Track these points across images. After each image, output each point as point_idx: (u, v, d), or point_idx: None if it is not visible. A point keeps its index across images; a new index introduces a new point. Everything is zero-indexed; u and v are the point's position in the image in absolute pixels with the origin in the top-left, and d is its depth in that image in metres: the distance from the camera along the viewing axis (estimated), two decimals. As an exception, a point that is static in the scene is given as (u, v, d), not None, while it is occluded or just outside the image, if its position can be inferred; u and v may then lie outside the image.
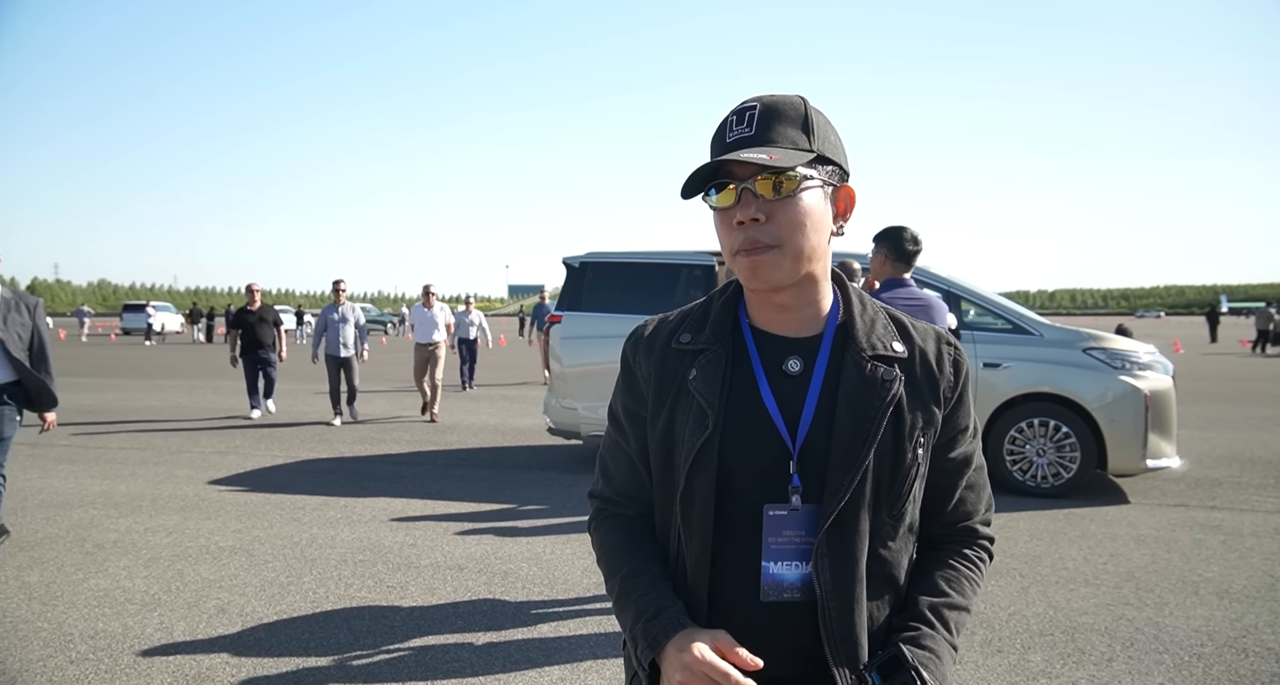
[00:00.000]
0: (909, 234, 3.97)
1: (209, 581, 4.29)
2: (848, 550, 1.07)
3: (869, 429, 1.07)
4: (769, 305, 1.14)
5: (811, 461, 1.08)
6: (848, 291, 1.18)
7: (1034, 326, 6.50)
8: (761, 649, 1.05)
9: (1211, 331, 32.53)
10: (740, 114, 1.07)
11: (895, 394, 1.09)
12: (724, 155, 1.05)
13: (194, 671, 3.23)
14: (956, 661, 1.10)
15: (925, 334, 1.17)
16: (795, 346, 1.14)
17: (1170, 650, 3.45)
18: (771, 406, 1.10)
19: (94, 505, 5.87)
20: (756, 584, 1.09)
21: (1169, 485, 6.55)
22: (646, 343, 1.20)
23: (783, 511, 1.08)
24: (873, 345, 1.12)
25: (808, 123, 1.07)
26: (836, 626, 1.06)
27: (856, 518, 1.07)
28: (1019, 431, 6.26)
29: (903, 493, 1.10)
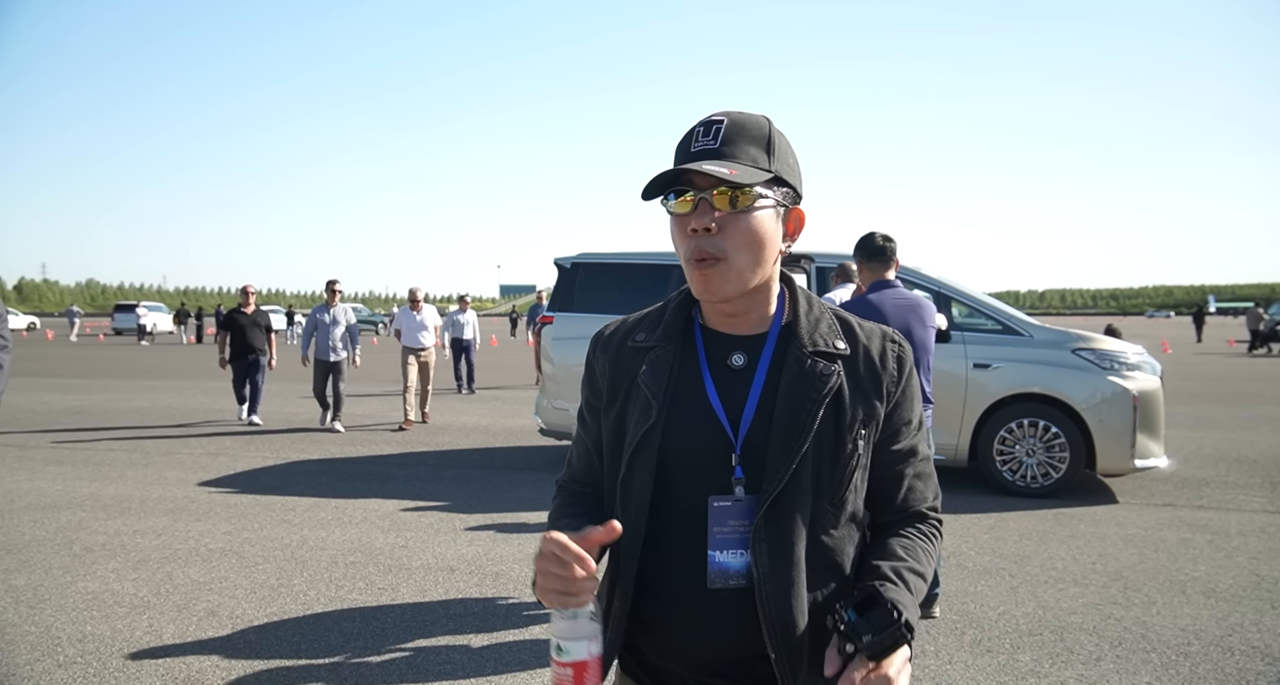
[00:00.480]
0: (877, 234, 4.02)
1: (199, 584, 4.27)
2: (785, 536, 1.11)
3: (806, 421, 1.12)
4: (719, 309, 1.19)
5: (753, 454, 1.13)
6: (795, 293, 1.23)
7: (1023, 327, 6.53)
8: (710, 633, 1.12)
9: (1197, 332, 32.77)
10: (707, 126, 1.12)
11: (832, 387, 1.14)
12: (687, 164, 1.08)
13: (184, 675, 3.22)
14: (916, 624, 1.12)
15: (871, 333, 1.22)
16: (741, 343, 1.19)
17: (1157, 649, 3.48)
18: (714, 399, 1.16)
19: (82, 507, 5.84)
20: (703, 572, 1.12)
21: (1157, 485, 6.59)
22: (605, 342, 1.27)
23: (726, 502, 1.12)
24: (814, 342, 1.17)
25: (770, 143, 1.12)
26: (774, 610, 1.09)
27: (795, 505, 1.11)
28: (1009, 432, 6.29)
29: (843, 482, 1.14)
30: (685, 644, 1.15)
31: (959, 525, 5.42)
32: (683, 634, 1.14)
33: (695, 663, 1.15)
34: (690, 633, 1.13)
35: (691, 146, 1.11)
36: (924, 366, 3.88)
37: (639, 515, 1.15)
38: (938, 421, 6.35)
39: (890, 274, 4.03)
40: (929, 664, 3.37)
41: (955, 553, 4.81)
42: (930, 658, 3.43)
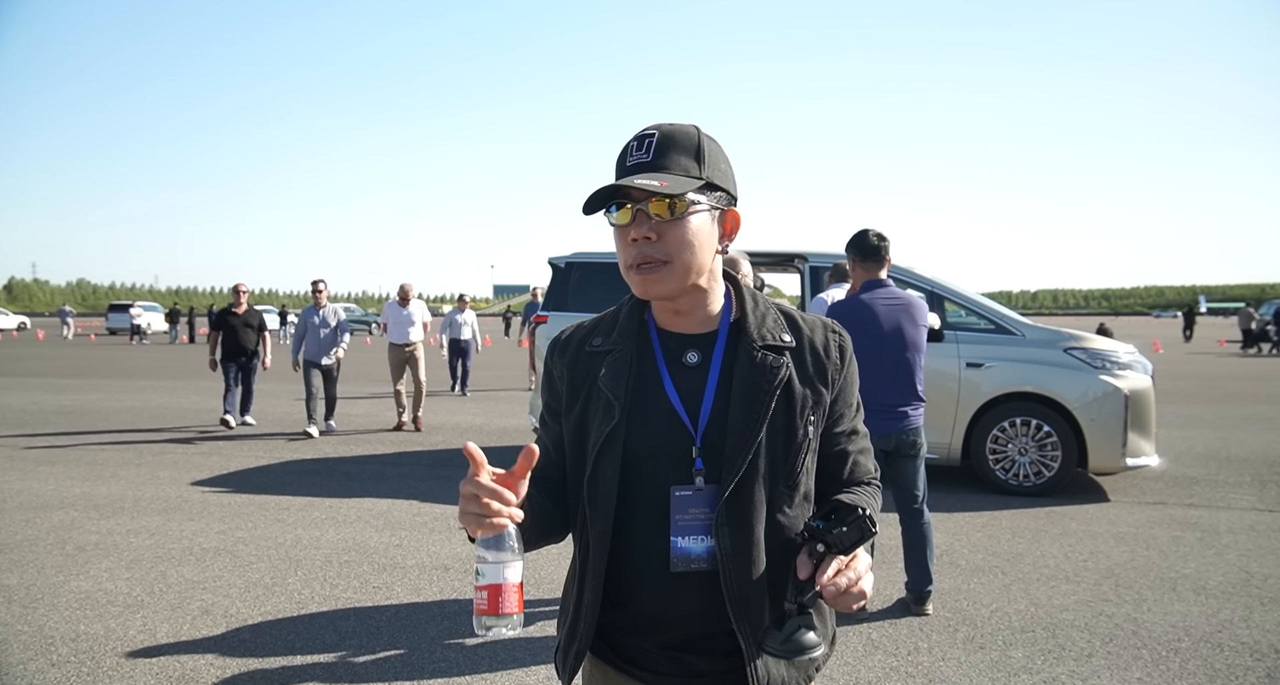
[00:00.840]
0: (871, 232, 4.03)
1: (192, 583, 4.26)
2: (745, 519, 1.18)
3: (760, 411, 1.20)
4: (667, 308, 1.26)
5: (712, 445, 1.20)
6: (741, 291, 1.30)
7: (1016, 326, 6.56)
8: (674, 615, 1.20)
9: (1186, 331, 32.93)
10: (640, 140, 1.19)
11: (783, 378, 1.22)
12: (622, 179, 1.16)
13: (178, 673, 3.22)
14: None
15: (813, 325, 1.31)
16: (694, 341, 1.27)
17: (1148, 646, 3.50)
18: (673, 396, 1.23)
19: (75, 507, 5.82)
20: (666, 557, 1.19)
21: (1148, 483, 6.63)
22: (562, 347, 1.33)
23: (687, 492, 1.19)
24: (763, 336, 1.25)
25: (700, 152, 1.19)
26: (736, 587, 1.17)
27: (753, 491, 1.19)
28: (1001, 431, 6.32)
29: (797, 465, 1.23)
30: (653, 624, 1.22)
31: (952, 524, 5.44)
32: (650, 615, 1.21)
33: (663, 640, 1.22)
34: (657, 614, 1.21)
35: (628, 161, 1.19)
36: (916, 365, 3.90)
37: (607, 509, 1.20)
38: (930, 420, 6.37)
39: (882, 273, 4.05)
40: (922, 660, 3.39)
41: (948, 551, 4.84)
42: (923, 655, 3.45)
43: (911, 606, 3.92)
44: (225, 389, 9.76)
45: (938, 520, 5.51)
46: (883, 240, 4.01)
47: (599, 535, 1.21)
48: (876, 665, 3.36)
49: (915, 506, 3.92)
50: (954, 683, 3.19)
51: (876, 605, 3.99)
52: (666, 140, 1.18)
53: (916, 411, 3.88)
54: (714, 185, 1.19)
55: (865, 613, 3.88)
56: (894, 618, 3.86)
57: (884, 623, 3.81)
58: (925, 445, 3.94)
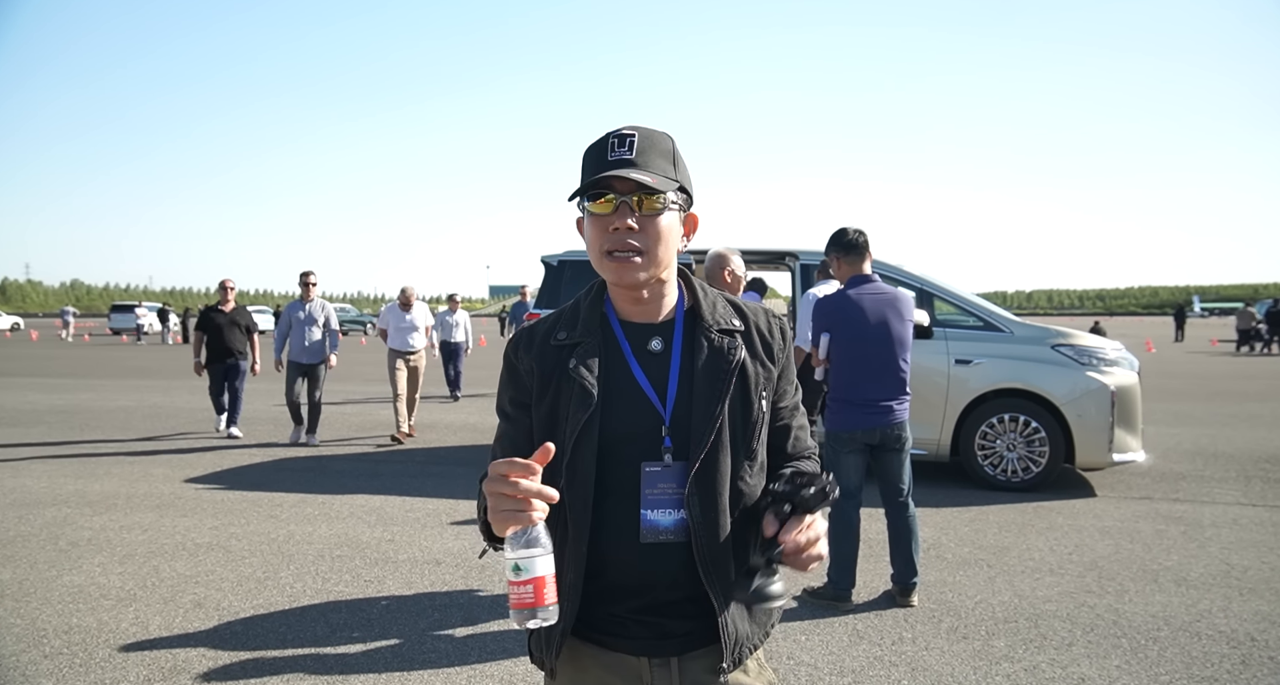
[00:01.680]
0: (849, 229, 4.07)
1: (185, 577, 4.30)
2: (712, 489, 1.28)
3: (720, 389, 1.30)
4: (629, 299, 1.34)
5: (680, 424, 1.29)
6: (692, 283, 1.40)
7: (1004, 324, 6.62)
8: (644, 583, 1.29)
9: (1178, 331, 33.09)
10: (621, 138, 1.28)
11: (739, 359, 1.33)
12: (609, 171, 1.24)
13: (170, 665, 3.25)
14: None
15: (756, 311, 1.43)
16: (655, 330, 1.36)
17: (1128, 635, 3.56)
18: (644, 383, 1.31)
19: (68, 504, 5.85)
20: (636, 529, 1.28)
21: (1135, 479, 6.70)
22: (526, 343, 1.38)
23: (657, 467, 1.28)
24: (717, 322, 1.36)
25: (675, 157, 1.31)
26: (707, 551, 1.27)
27: (718, 462, 1.29)
28: (990, 427, 6.38)
29: (754, 437, 1.34)
30: (626, 593, 1.29)
31: (940, 518, 5.49)
32: (622, 585, 1.29)
33: (634, 606, 1.30)
34: (629, 583, 1.29)
35: (609, 155, 1.27)
36: (902, 360, 3.94)
37: (587, 491, 1.27)
38: (920, 416, 6.43)
39: (866, 267, 4.09)
40: (906, 650, 3.44)
41: (935, 545, 4.89)
42: (907, 644, 3.50)
43: (897, 598, 3.97)
44: (213, 395, 9.06)
45: (926, 515, 5.56)
46: (861, 235, 4.06)
47: (579, 517, 1.27)
48: (861, 655, 3.40)
49: (900, 500, 3.97)
50: (936, 671, 3.24)
51: (863, 597, 4.04)
52: (646, 142, 1.28)
53: (902, 406, 3.93)
54: (683, 188, 1.31)
55: (842, 597, 3.92)
56: (880, 609, 3.91)
57: (869, 614, 3.86)
58: (910, 439, 3.99)
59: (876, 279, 4.09)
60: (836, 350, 3.98)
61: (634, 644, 1.30)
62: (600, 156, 1.27)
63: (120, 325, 37.91)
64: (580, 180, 1.31)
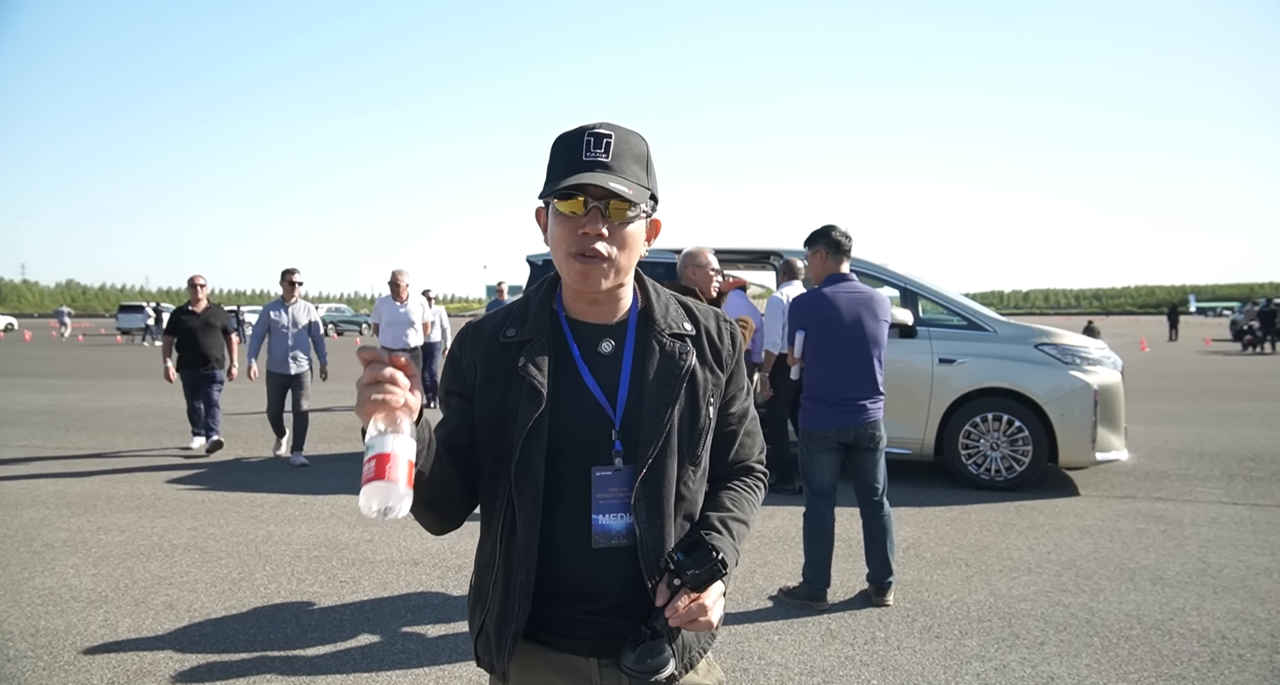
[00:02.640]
0: (840, 229, 4.06)
1: (159, 579, 4.28)
2: (659, 494, 1.29)
3: (670, 394, 1.30)
4: (585, 299, 1.33)
5: (630, 428, 1.28)
6: (645, 284, 1.39)
7: (988, 323, 6.62)
8: (595, 588, 1.28)
9: (1171, 330, 33.15)
10: (598, 138, 1.25)
11: (690, 365, 1.33)
12: (583, 173, 1.22)
13: (135, 667, 3.23)
14: (736, 564, 1.33)
15: (707, 315, 1.42)
16: (606, 331, 1.34)
17: (1100, 633, 3.55)
18: (592, 384, 1.30)
19: (46, 505, 5.82)
20: (588, 534, 1.27)
21: (1119, 478, 6.70)
22: (473, 338, 1.35)
23: (608, 472, 1.28)
24: (669, 325, 1.35)
25: (648, 163, 1.30)
26: (652, 559, 1.27)
27: (665, 468, 1.29)
28: (973, 426, 6.37)
29: (700, 443, 1.34)
30: (576, 596, 1.29)
31: (921, 517, 5.49)
32: (574, 588, 1.28)
33: (585, 609, 1.30)
34: (581, 587, 1.28)
35: (584, 155, 1.24)
36: (876, 359, 3.93)
37: (536, 492, 1.26)
38: (903, 416, 6.43)
39: (845, 267, 4.08)
40: (878, 649, 3.43)
41: (915, 544, 4.88)
42: (880, 644, 3.49)
43: (873, 598, 3.96)
44: (188, 406, 8.03)
45: (908, 514, 5.56)
46: (849, 238, 4.05)
47: (528, 518, 1.26)
48: (832, 654, 3.39)
49: (875, 499, 3.96)
50: (906, 670, 3.23)
51: (839, 596, 4.03)
52: (622, 145, 1.26)
53: (876, 405, 3.92)
54: (654, 195, 1.31)
55: (817, 597, 3.91)
56: (854, 609, 3.90)
57: (844, 613, 3.85)
58: (885, 438, 3.98)
59: (853, 278, 4.08)
60: (811, 349, 3.97)
61: (583, 645, 1.30)
62: (574, 154, 1.24)
63: (129, 325, 37.88)
64: (548, 169, 1.28)
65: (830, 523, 3.95)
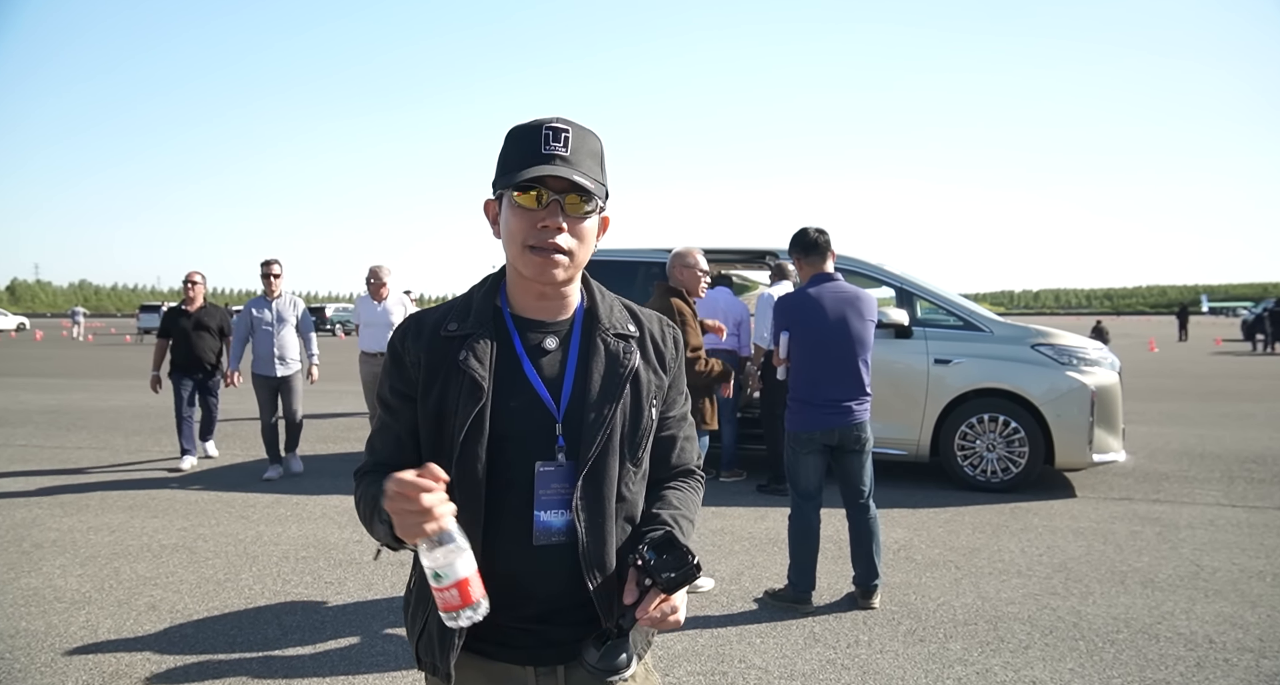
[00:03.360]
0: (809, 229, 4.03)
1: (144, 579, 4.27)
2: (599, 494, 1.28)
3: (614, 393, 1.30)
4: (531, 294, 1.32)
5: (572, 424, 1.28)
6: (590, 284, 1.39)
7: (984, 323, 6.56)
8: (534, 588, 1.27)
9: (1181, 330, 32.87)
10: (556, 132, 1.24)
11: (634, 365, 1.33)
12: (542, 166, 1.22)
13: (112, 669, 3.22)
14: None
15: (650, 318, 1.42)
16: (550, 328, 1.34)
17: (1086, 637, 3.51)
18: (535, 379, 1.29)
19: (39, 504, 5.84)
20: (529, 531, 1.26)
21: (1117, 479, 6.63)
22: (415, 333, 1.33)
23: (550, 467, 1.27)
24: (613, 325, 1.35)
25: (602, 160, 1.30)
26: (592, 558, 1.26)
27: (607, 467, 1.28)
28: (969, 427, 6.32)
29: (642, 445, 1.33)
30: (514, 598, 1.26)
31: (914, 519, 5.44)
32: (512, 590, 1.25)
33: (522, 614, 1.28)
34: (519, 588, 1.26)
35: (542, 148, 1.23)
36: (862, 360, 3.89)
37: (478, 488, 1.25)
38: (898, 417, 6.39)
39: (828, 266, 4.05)
40: (860, 653, 3.39)
41: (906, 546, 4.84)
42: (862, 647, 3.45)
43: (858, 600, 3.92)
44: (178, 417, 7.21)
45: (901, 516, 5.52)
46: (822, 234, 4.01)
47: (471, 515, 1.24)
48: (814, 657, 3.36)
49: (861, 501, 3.92)
50: (888, 674, 3.20)
51: (824, 599, 3.99)
52: (579, 140, 1.26)
53: (862, 406, 3.88)
54: (608, 192, 1.32)
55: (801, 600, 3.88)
56: (839, 611, 3.87)
57: (828, 616, 3.81)
58: (871, 440, 3.94)
59: (839, 278, 4.04)
60: (796, 349, 3.94)
61: (520, 653, 1.29)
62: (532, 147, 1.24)
63: (150, 324, 38.20)
64: (501, 161, 1.27)
65: (816, 525, 3.91)
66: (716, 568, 4.45)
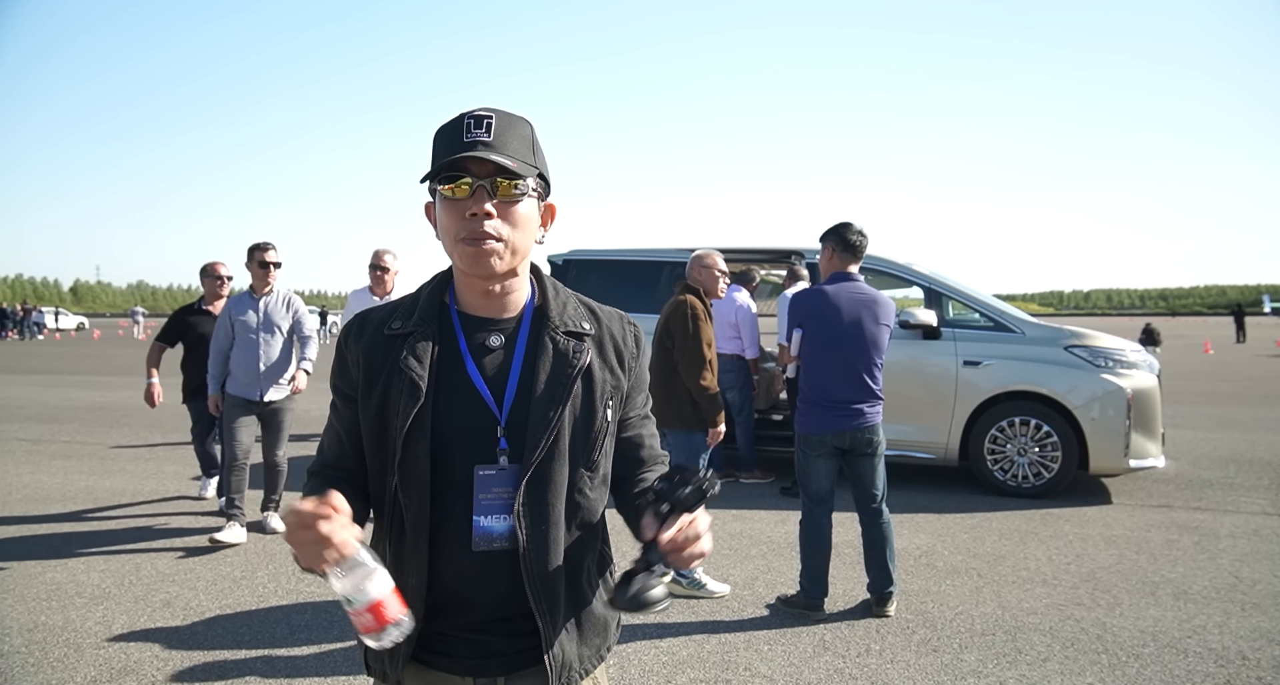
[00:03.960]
0: (854, 228, 3.92)
1: (164, 576, 4.34)
2: (545, 499, 1.22)
3: (561, 394, 1.23)
4: (477, 291, 1.27)
5: (516, 427, 1.22)
6: (543, 280, 1.33)
7: (1016, 324, 6.38)
8: (475, 595, 1.22)
9: (1238, 331, 31.70)
10: (478, 120, 1.20)
11: (584, 363, 1.26)
12: (465, 152, 1.17)
13: (121, 665, 3.27)
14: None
15: (610, 315, 1.36)
16: (497, 326, 1.28)
17: (1109, 650, 3.36)
18: (477, 379, 1.24)
19: (75, 500, 5.98)
20: (469, 536, 1.21)
21: (1156, 486, 6.39)
22: (358, 331, 1.30)
23: (491, 471, 1.22)
24: (564, 323, 1.29)
25: (534, 143, 1.25)
26: (535, 566, 1.21)
27: (552, 471, 1.22)
28: (999, 430, 6.14)
29: (596, 448, 1.27)
30: (454, 606, 1.23)
31: (939, 525, 5.30)
32: (452, 597, 1.22)
33: (462, 622, 1.23)
34: (459, 595, 1.22)
35: (465, 137, 1.19)
36: (874, 362, 3.79)
37: (422, 491, 1.21)
38: (926, 419, 6.24)
39: (853, 268, 3.95)
40: (870, 662, 3.30)
41: (928, 552, 4.71)
42: (873, 656, 3.35)
43: (873, 608, 3.82)
44: (195, 439, 5.99)
45: (925, 521, 5.38)
46: (862, 237, 3.91)
47: (416, 518, 1.21)
48: (822, 666, 3.27)
49: (874, 506, 3.82)
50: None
51: (839, 606, 3.90)
52: (505, 125, 1.21)
53: (873, 409, 3.78)
54: (542, 175, 1.25)
55: (813, 606, 3.78)
56: (852, 619, 3.77)
57: (841, 624, 3.72)
58: (884, 443, 3.83)
59: (859, 279, 3.94)
60: (808, 348, 3.85)
61: (460, 663, 1.25)
62: (455, 138, 1.20)
63: None
64: (432, 161, 1.23)
65: (827, 530, 3.82)
66: (731, 572, 4.37)
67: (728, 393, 6.63)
